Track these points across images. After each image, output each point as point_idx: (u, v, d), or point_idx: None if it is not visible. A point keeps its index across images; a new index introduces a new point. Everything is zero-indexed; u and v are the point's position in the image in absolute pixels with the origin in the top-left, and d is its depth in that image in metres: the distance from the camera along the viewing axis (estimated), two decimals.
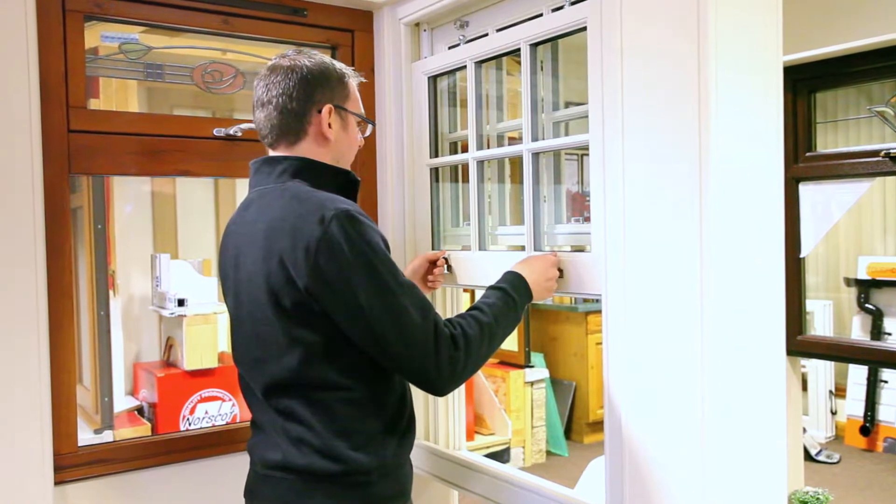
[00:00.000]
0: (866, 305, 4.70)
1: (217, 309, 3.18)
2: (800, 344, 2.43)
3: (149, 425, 3.04)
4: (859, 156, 2.27)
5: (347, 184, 1.44)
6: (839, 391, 5.16)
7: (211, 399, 3.14)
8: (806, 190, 2.38)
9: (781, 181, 1.37)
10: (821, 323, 5.00)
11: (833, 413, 5.16)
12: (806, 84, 2.36)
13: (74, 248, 1.81)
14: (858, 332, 4.73)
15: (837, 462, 4.67)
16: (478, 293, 1.51)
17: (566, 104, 1.81)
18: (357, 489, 1.33)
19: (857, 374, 4.96)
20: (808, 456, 4.60)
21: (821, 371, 5.14)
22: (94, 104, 2.69)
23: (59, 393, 1.69)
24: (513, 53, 1.77)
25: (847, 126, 4.92)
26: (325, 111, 1.40)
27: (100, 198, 2.75)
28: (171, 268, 3.22)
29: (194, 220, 3.67)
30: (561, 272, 1.58)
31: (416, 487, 1.50)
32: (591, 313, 5.08)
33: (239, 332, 1.43)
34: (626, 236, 1.40)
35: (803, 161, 2.39)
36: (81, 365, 2.85)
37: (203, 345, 3.10)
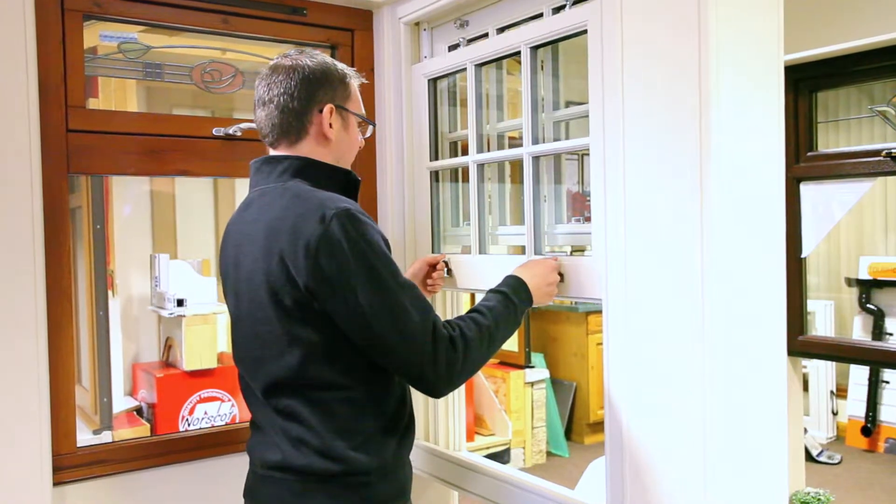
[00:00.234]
0: (867, 306, 4.69)
1: (216, 309, 3.17)
2: (801, 344, 2.42)
3: (148, 426, 3.03)
4: (860, 155, 2.27)
5: (348, 183, 1.44)
6: (840, 392, 5.16)
7: (210, 399, 3.14)
8: (807, 190, 2.38)
9: (782, 181, 1.37)
10: (822, 323, 5.00)
11: (834, 414, 5.15)
12: (807, 83, 2.35)
13: (73, 249, 1.80)
14: (860, 333, 4.73)
15: (839, 463, 4.66)
16: (478, 297, 1.50)
17: (566, 104, 1.80)
18: (357, 489, 1.33)
19: (859, 375, 4.95)
20: (810, 456, 4.59)
21: (822, 371, 5.13)
22: (93, 104, 2.68)
23: (58, 393, 1.69)
24: (513, 56, 1.76)
25: (848, 125, 4.92)
26: (327, 111, 1.40)
27: (99, 198, 2.74)
28: (171, 268, 3.21)
29: (193, 220, 3.66)
30: (562, 276, 1.58)
31: (416, 488, 1.50)
32: (592, 313, 5.06)
33: (239, 332, 1.42)
34: (627, 236, 1.40)
35: (804, 161, 2.38)
36: (80, 365, 2.85)
37: (202, 345, 3.09)
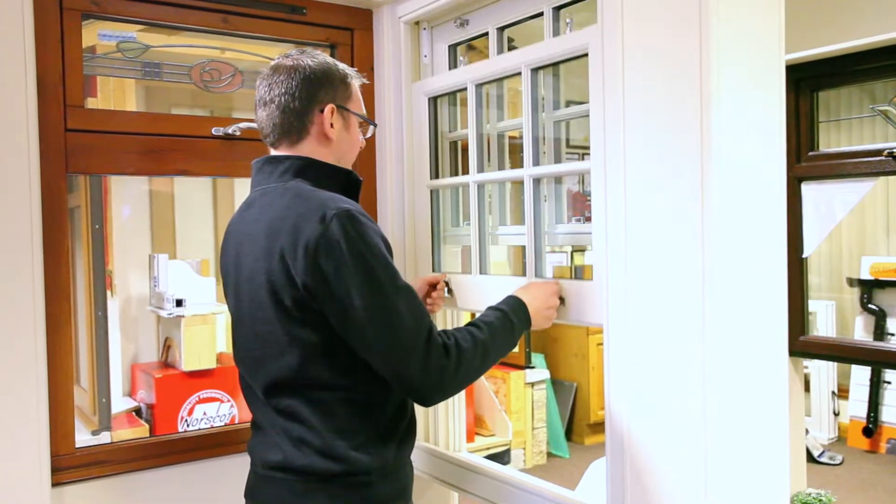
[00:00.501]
0: (869, 306, 4.68)
1: (215, 309, 3.16)
2: (802, 344, 2.42)
3: (147, 426, 3.02)
4: (862, 155, 2.26)
5: (349, 183, 1.44)
6: (842, 392, 5.15)
7: (209, 400, 3.13)
8: (808, 189, 2.37)
9: (784, 181, 1.37)
10: (823, 323, 4.99)
11: (836, 414, 5.14)
12: (808, 83, 2.35)
13: (72, 249, 1.80)
14: (861, 333, 4.72)
15: (840, 463, 4.65)
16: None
17: (567, 103, 1.80)
18: (358, 490, 1.32)
19: (860, 375, 4.95)
20: (811, 457, 4.58)
21: (823, 372, 5.12)
22: (92, 103, 2.67)
23: (57, 394, 1.68)
24: (514, 76, 1.75)
25: (850, 125, 4.91)
26: (328, 111, 1.40)
27: (97, 197, 2.73)
28: (170, 268, 3.20)
29: (193, 220, 3.65)
30: (562, 300, 1.58)
31: (416, 489, 1.49)
32: None
33: (240, 331, 1.42)
34: (628, 236, 1.40)
35: (806, 160, 2.38)
36: (79, 366, 2.84)
37: (201, 345, 3.09)
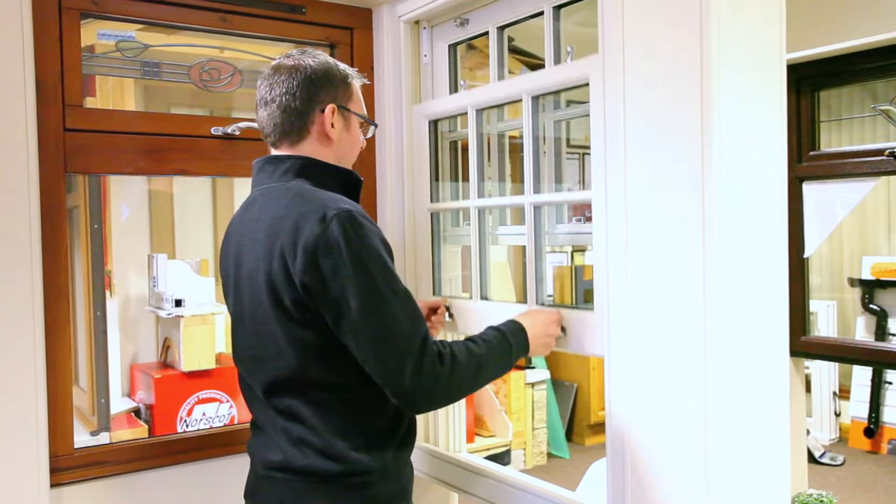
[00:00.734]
0: (870, 306, 4.68)
1: (215, 310, 3.16)
2: (803, 345, 2.41)
3: (146, 427, 3.02)
4: (863, 155, 2.26)
5: (350, 183, 1.44)
6: (843, 393, 5.14)
7: (209, 401, 3.12)
8: (810, 189, 2.36)
9: (785, 180, 1.36)
10: (824, 324, 4.98)
11: (837, 415, 5.13)
12: (810, 82, 2.34)
13: (70, 249, 1.79)
14: (862, 333, 4.71)
15: (841, 464, 4.65)
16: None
17: (567, 103, 1.79)
18: (358, 490, 1.32)
19: (861, 376, 4.94)
20: (812, 458, 4.58)
21: (824, 372, 5.12)
22: (91, 103, 2.67)
23: (55, 394, 1.68)
24: (515, 102, 1.75)
25: (851, 125, 4.90)
26: (329, 111, 1.40)
27: (96, 197, 2.73)
28: (169, 268, 3.19)
29: (192, 220, 3.65)
30: (564, 330, 1.58)
31: (416, 490, 1.49)
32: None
33: (240, 331, 1.42)
34: (628, 236, 1.39)
35: (807, 160, 2.37)
36: (77, 366, 2.84)
37: (200, 346, 3.08)
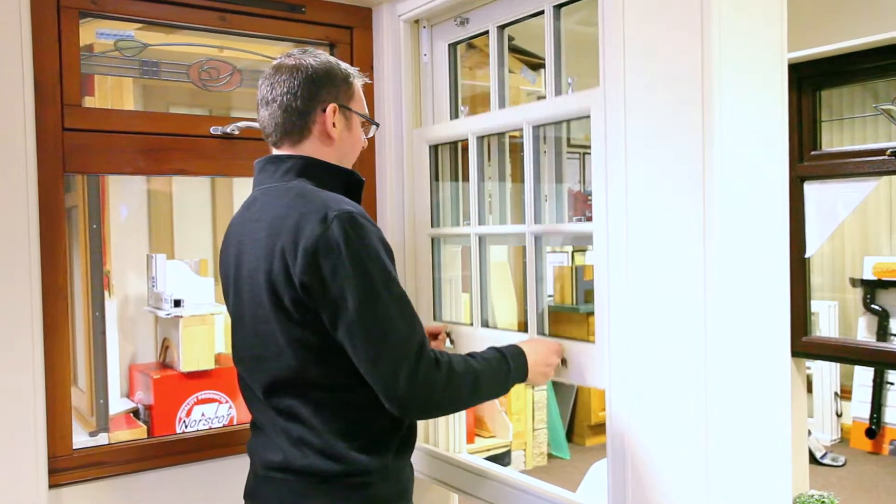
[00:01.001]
0: (872, 306, 4.67)
1: (214, 310, 3.15)
2: (805, 345, 2.40)
3: (145, 428, 3.02)
4: (865, 154, 2.25)
5: (352, 184, 1.44)
6: (844, 393, 5.13)
7: (208, 401, 3.12)
8: (811, 189, 2.36)
9: (786, 180, 1.36)
10: (826, 324, 4.97)
11: (838, 415, 5.12)
12: (811, 82, 2.33)
13: (69, 249, 1.79)
14: (864, 333, 4.70)
15: (843, 465, 4.64)
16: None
17: None
18: (358, 490, 1.32)
19: (863, 376, 4.93)
20: (813, 459, 4.57)
21: (826, 373, 5.11)
22: (89, 102, 2.67)
23: (54, 395, 1.68)
24: (515, 131, 1.75)
25: (853, 124, 4.90)
26: (330, 110, 1.39)
27: (95, 197, 2.73)
28: (168, 268, 3.18)
29: (191, 220, 3.64)
30: (565, 361, 1.57)
31: (416, 491, 1.49)
32: (594, 314, 5.03)
33: (239, 331, 1.42)
34: (629, 236, 1.39)
35: (808, 160, 2.36)
36: (76, 367, 2.83)
37: (199, 346, 3.08)
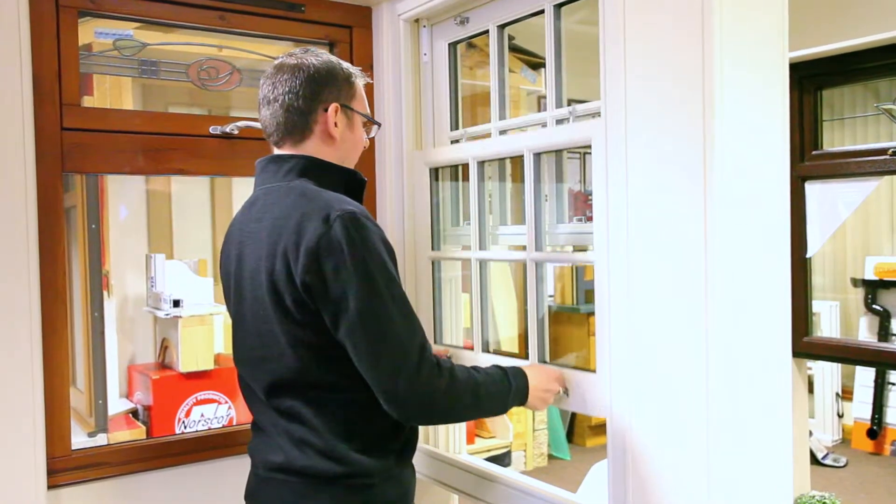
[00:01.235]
0: (873, 306, 4.66)
1: (213, 310, 3.14)
2: (806, 345, 2.40)
3: (144, 428, 3.01)
4: (866, 154, 2.24)
5: (353, 183, 1.43)
6: (846, 394, 5.12)
7: (207, 402, 3.11)
8: (812, 189, 2.35)
9: (787, 180, 1.36)
10: (827, 324, 4.96)
11: (840, 416, 5.12)
12: (812, 81, 2.33)
13: (68, 249, 1.79)
14: (865, 334, 4.69)
15: (844, 466, 4.63)
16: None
17: (569, 101, 1.78)
18: (360, 492, 1.32)
19: (864, 377, 4.92)
20: (815, 459, 4.56)
21: (827, 373, 5.10)
22: (88, 101, 2.66)
23: (53, 395, 1.67)
24: (515, 158, 1.75)
25: (854, 124, 4.89)
26: (332, 110, 1.39)
27: (94, 197, 2.72)
28: (167, 268, 3.17)
29: (190, 220, 3.63)
30: (566, 391, 1.57)
31: (416, 492, 1.48)
32: (594, 314, 5.02)
33: (241, 331, 1.41)
34: (629, 237, 1.39)
35: (809, 159, 2.36)
36: (75, 367, 2.83)
37: (199, 346, 3.07)
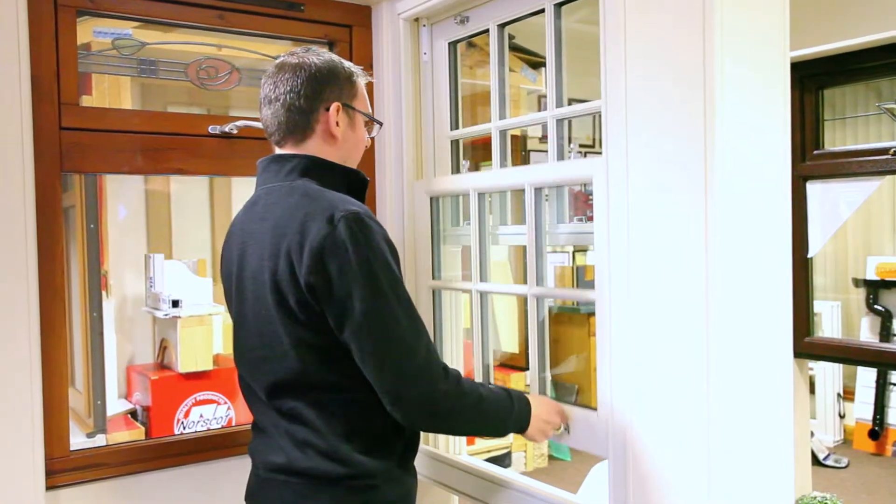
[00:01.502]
0: (875, 306, 4.65)
1: (212, 310, 3.15)
2: (807, 346, 2.39)
3: (142, 429, 3.01)
4: (868, 154, 2.24)
5: (356, 183, 1.43)
6: (847, 394, 5.12)
7: (206, 402, 3.11)
8: (813, 188, 2.34)
9: (788, 180, 1.35)
10: (829, 324, 4.96)
11: (841, 416, 5.11)
12: (814, 80, 2.32)
13: (66, 249, 1.78)
14: (867, 334, 4.68)
15: (846, 466, 4.62)
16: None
17: (570, 101, 1.77)
18: (362, 493, 1.31)
19: (866, 377, 4.92)
20: (816, 460, 4.55)
21: (829, 373, 5.10)
22: (87, 101, 2.66)
23: (51, 396, 1.67)
24: (517, 189, 1.76)
25: (855, 123, 4.88)
26: (333, 109, 1.39)
27: (92, 197, 2.72)
28: (166, 268, 3.17)
29: (189, 220, 3.63)
30: (568, 428, 1.56)
31: (417, 493, 1.47)
32: (594, 315, 5.02)
33: (242, 331, 1.41)
34: (630, 237, 1.38)
35: (811, 159, 2.35)
36: (73, 367, 2.83)
37: (198, 347, 3.07)
